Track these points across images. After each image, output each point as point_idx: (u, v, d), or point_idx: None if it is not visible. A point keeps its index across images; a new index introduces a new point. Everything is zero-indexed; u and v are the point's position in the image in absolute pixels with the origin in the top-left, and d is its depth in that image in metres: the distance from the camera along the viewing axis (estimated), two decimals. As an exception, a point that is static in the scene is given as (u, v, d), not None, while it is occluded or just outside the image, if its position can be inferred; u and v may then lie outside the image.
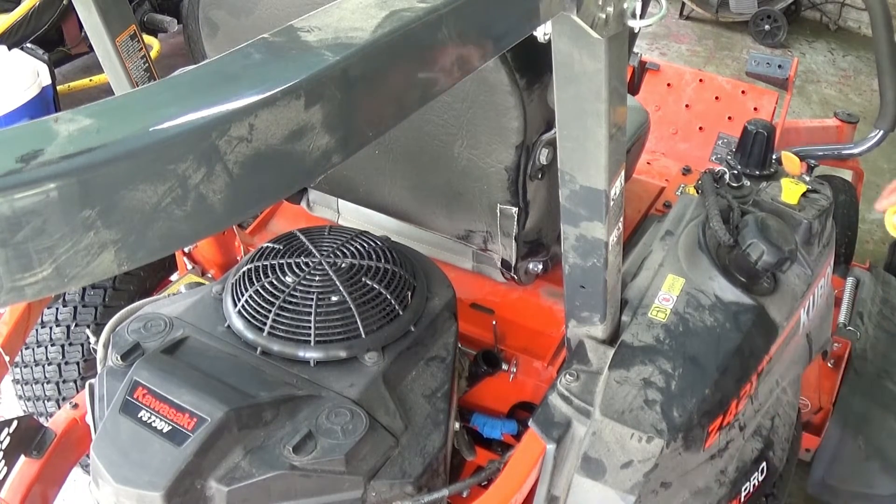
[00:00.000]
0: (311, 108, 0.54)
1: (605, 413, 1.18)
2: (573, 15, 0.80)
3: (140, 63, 1.53)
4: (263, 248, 1.32)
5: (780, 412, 1.49)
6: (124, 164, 0.47)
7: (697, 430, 1.22)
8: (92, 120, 0.48)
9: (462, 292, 1.49)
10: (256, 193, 0.55)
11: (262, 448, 1.08)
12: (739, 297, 1.33)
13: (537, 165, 1.35)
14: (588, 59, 0.91)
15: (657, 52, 5.04)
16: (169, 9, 4.09)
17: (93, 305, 1.97)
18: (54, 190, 0.44)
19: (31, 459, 1.44)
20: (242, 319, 1.22)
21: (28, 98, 3.19)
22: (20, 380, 2.04)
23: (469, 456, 1.45)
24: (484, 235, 1.50)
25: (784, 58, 2.62)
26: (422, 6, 0.62)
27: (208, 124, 0.49)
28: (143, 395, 1.10)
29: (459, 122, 1.32)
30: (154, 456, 1.04)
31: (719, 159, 2.54)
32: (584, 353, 1.28)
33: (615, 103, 0.97)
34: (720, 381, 1.24)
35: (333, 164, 0.59)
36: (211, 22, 1.46)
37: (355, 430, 1.09)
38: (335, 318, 1.21)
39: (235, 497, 1.06)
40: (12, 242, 0.44)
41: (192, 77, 0.54)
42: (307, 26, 0.59)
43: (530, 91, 1.25)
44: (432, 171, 1.45)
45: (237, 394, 1.10)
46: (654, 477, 1.19)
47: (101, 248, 0.48)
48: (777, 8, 5.08)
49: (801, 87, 4.68)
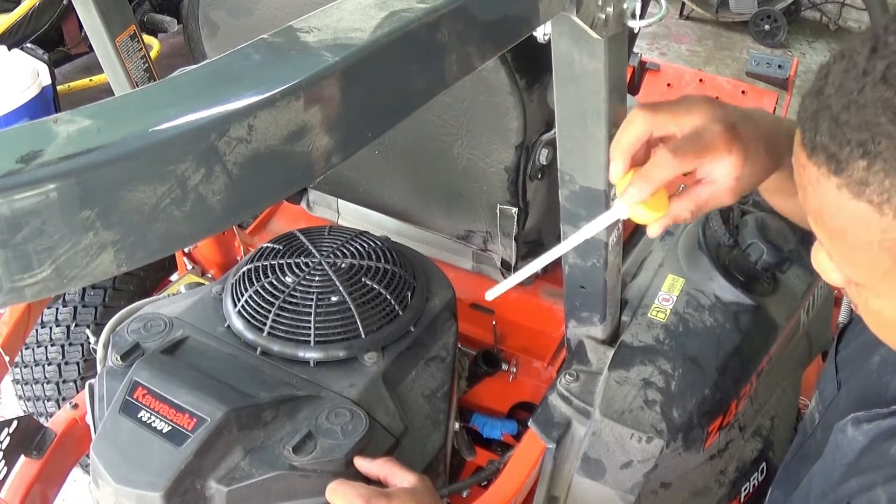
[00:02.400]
0: (310, 108, 0.54)
1: (604, 413, 1.18)
2: (573, 15, 0.80)
3: (140, 63, 1.53)
4: (263, 248, 1.32)
5: (780, 412, 1.50)
6: (124, 164, 0.47)
7: (697, 430, 1.22)
8: (91, 120, 0.48)
9: (462, 292, 1.49)
10: (256, 194, 0.55)
11: (261, 448, 1.08)
12: (739, 298, 1.33)
13: (537, 165, 1.35)
14: (588, 59, 0.91)
15: (657, 52, 5.04)
16: (169, 9, 4.09)
17: (93, 305, 1.97)
18: (54, 191, 0.44)
19: (31, 459, 1.44)
20: (242, 320, 1.22)
21: (28, 98, 3.19)
22: (20, 380, 2.04)
23: (469, 456, 1.45)
24: (484, 235, 1.50)
25: (784, 58, 2.62)
26: (421, 6, 0.62)
27: (207, 125, 0.49)
28: (143, 395, 1.10)
29: (459, 122, 1.32)
30: (154, 456, 1.04)
31: (719, 159, 2.53)
32: (584, 353, 1.28)
33: (615, 103, 0.97)
34: (720, 381, 1.24)
35: (333, 164, 0.59)
36: (211, 22, 1.46)
37: (355, 431, 1.09)
38: (335, 319, 1.21)
39: (235, 497, 1.06)
40: (12, 243, 0.44)
41: (192, 77, 0.54)
42: (306, 27, 0.59)
43: (530, 91, 1.25)
44: (432, 171, 1.45)
45: (237, 394, 1.10)
46: (654, 477, 1.19)
47: (100, 248, 0.48)
48: (777, 8, 5.08)
49: (801, 87, 4.66)
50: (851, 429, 0.85)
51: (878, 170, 0.62)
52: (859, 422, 0.84)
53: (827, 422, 0.99)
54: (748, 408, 1.36)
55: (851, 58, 0.65)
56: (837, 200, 0.66)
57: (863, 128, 0.63)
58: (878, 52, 0.64)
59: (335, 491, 0.99)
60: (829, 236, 0.70)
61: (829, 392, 1.02)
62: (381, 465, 1.05)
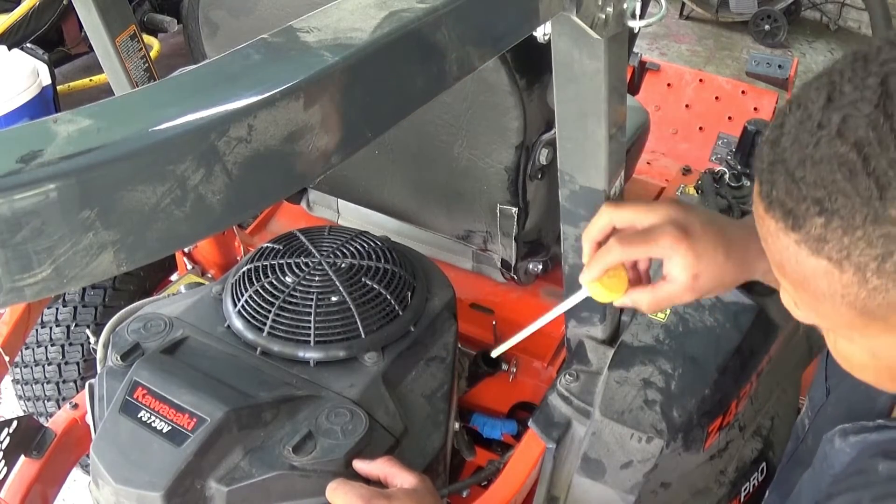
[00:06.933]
0: (310, 108, 0.54)
1: (604, 413, 1.18)
2: (573, 15, 0.80)
3: (140, 63, 1.53)
4: (263, 248, 1.32)
5: (780, 412, 1.49)
6: (123, 164, 0.47)
7: (697, 430, 1.22)
8: (91, 120, 0.48)
9: (462, 292, 1.49)
10: (256, 194, 0.55)
11: (261, 448, 1.08)
12: (739, 297, 1.33)
13: (537, 165, 1.35)
14: (588, 59, 0.91)
15: (657, 52, 5.04)
16: (169, 9, 4.09)
17: (93, 305, 1.97)
18: (53, 191, 0.44)
19: (31, 459, 1.44)
20: (242, 319, 1.22)
21: (28, 98, 3.19)
22: (20, 380, 2.04)
23: (469, 456, 1.45)
24: (484, 235, 1.50)
25: (784, 58, 2.62)
26: (421, 6, 0.62)
27: (207, 125, 0.49)
28: (143, 395, 1.10)
29: (459, 122, 1.32)
30: (154, 456, 1.04)
31: (719, 159, 2.54)
32: (584, 353, 1.28)
33: (615, 103, 0.97)
34: (720, 381, 1.24)
35: (333, 164, 0.59)
36: (211, 22, 1.46)
37: (355, 431, 1.09)
38: (335, 319, 1.21)
39: (235, 497, 1.06)
40: (12, 243, 0.44)
41: (192, 77, 0.54)
42: (306, 27, 0.59)
43: (530, 91, 1.25)
44: (432, 171, 1.45)
45: (237, 394, 1.10)
46: (654, 477, 1.19)
47: (100, 248, 0.48)
48: (777, 8, 5.08)
49: (801, 87, 4.67)
50: (839, 440, 0.84)
51: (836, 227, 0.60)
52: (846, 434, 0.84)
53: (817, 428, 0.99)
54: (748, 408, 1.36)
55: (807, 108, 0.63)
56: (797, 255, 0.65)
57: (818, 185, 0.60)
58: (833, 103, 0.61)
59: (335, 491, 0.99)
60: (793, 286, 0.70)
61: (818, 398, 1.01)
62: (382, 466, 1.05)
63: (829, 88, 0.62)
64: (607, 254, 0.94)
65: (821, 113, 0.61)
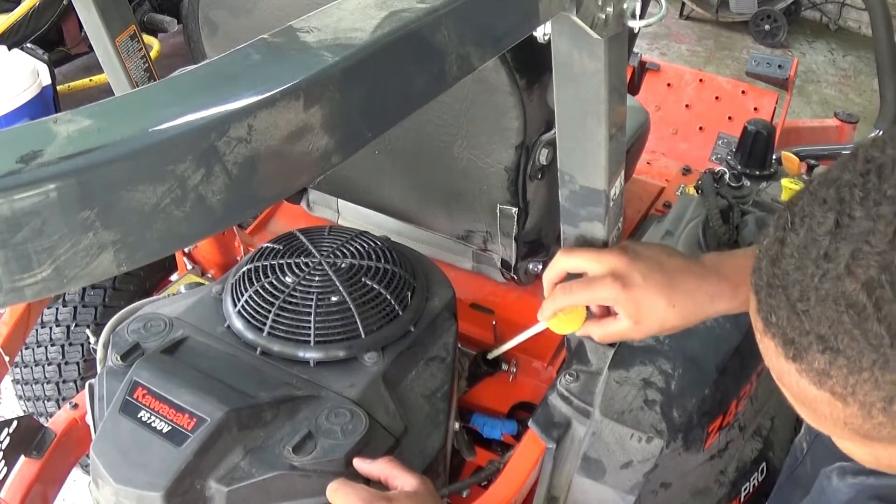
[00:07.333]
0: (310, 108, 0.54)
1: (604, 413, 1.18)
2: (573, 15, 0.80)
3: (140, 63, 1.53)
4: (263, 248, 1.32)
5: (780, 412, 1.49)
6: (123, 164, 0.47)
7: (697, 430, 1.22)
8: (91, 120, 0.48)
9: (462, 292, 1.49)
10: (255, 194, 0.55)
11: (261, 448, 1.08)
12: (739, 298, 1.32)
13: (537, 165, 1.35)
14: (588, 60, 0.91)
15: (657, 52, 5.05)
16: (169, 9, 4.09)
17: (93, 305, 1.97)
18: (53, 191, 0.44)
19: (31, 459, 1.44)
20: (242, 320, 1.22)
21: (28, 98, 3.19)
22: (20, 380, 2.04)
23: (469, 456, 1.45)
24: (484, 235, 1.50)
25: (784, 58, 2.63)
26: (421, 7, 0.62)
27: (207, 125, 0.49)
28: (143, 395, 1.10)
29: (459, 122, 1.32)
30: (154, 456, 1.04)
31: (719, 159, 2.54)
32: (584, 353, 1.28)
33: (615, 103, 0.97)
34: (720, 381, 1.24)
35: (333, 164, 0.59)
36: (211, 22, 1.45)
37: (355, 431, 1.09)
38: (335, 319, 1.21)
39: (235, 497, 1.06)
40: (12, 243, 0.44)
41: (192, 77, 0.54)
42: (306, 27, 0.59)
43: (530, 91, 1.25)
44: (432, 171, 1.45)
45: (237, 394, 1.10)
46: (654, 477, 1.19)
47: (100, 248, 0.48)
48: (777, 8, 5.08)
49: (801, 87, 4.68)
50: (837, 479, 0.83)
51: (841, 366, 0.57)
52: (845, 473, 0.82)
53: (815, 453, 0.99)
54: (748, 408, 1.36)
55: (811, 230, 0.57)
56: (798, 381, 0.61)
57: (823, 322, 0.56)
58: (842, 231, 0.55)
59: (336, 491, 0.99)
60: (793, 401, 0.67)
61: None
62: (383, 467, 1.05)
63: (838, 209, 0.56)
64: (554, 298, 1.06)
65: (827, 240, 0.56)
